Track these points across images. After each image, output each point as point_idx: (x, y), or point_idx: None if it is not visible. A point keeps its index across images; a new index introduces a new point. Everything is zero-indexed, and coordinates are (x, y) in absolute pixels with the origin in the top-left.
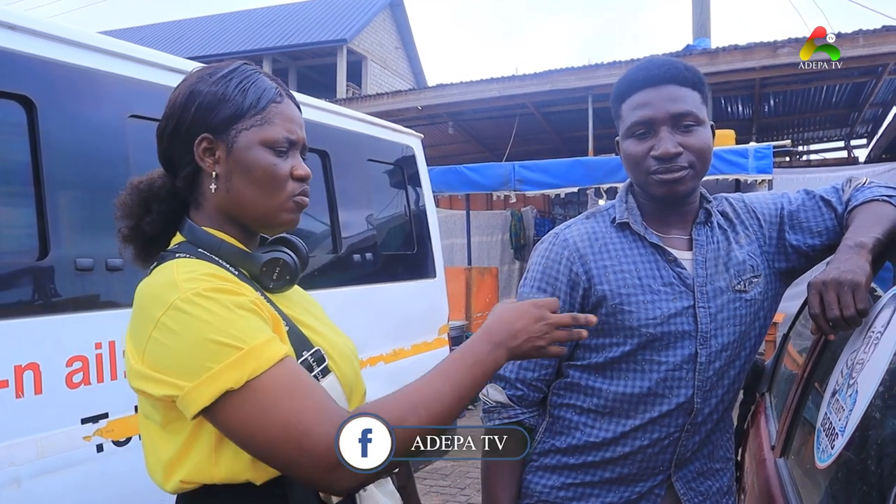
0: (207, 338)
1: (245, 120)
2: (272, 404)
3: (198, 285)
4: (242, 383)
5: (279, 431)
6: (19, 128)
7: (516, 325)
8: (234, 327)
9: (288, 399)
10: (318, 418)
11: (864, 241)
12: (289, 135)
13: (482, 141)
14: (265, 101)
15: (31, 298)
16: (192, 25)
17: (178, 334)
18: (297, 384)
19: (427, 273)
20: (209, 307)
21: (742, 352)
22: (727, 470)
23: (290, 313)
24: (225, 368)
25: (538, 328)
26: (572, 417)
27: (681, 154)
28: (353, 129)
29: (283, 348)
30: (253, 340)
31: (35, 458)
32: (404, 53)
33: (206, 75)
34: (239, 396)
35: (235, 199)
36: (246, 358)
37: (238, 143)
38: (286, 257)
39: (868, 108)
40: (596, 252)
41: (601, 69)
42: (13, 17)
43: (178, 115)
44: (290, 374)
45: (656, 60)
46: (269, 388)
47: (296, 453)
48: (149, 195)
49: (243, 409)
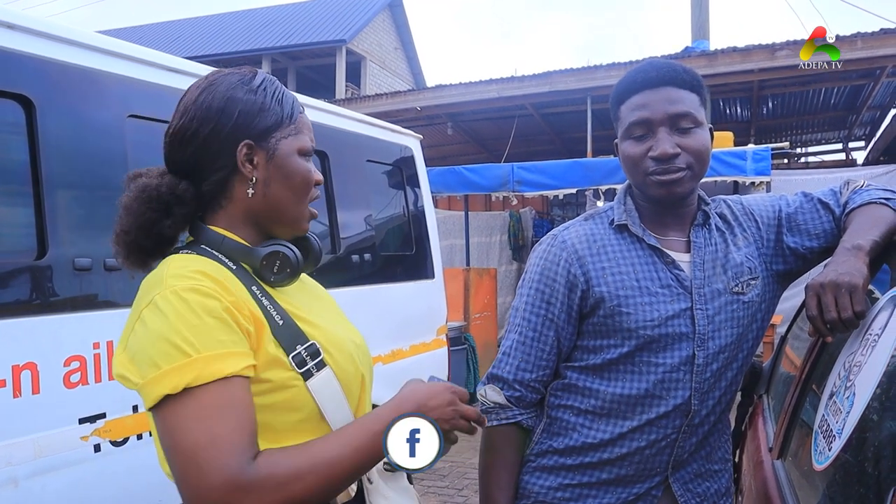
0: (166, 337)
1: (283, 129)
2: (197, 420)
3: (178, 283)
4: (179, 390)
5: (192, 450)
6: (18, 127)
7: (429, 402)
8: (192, 332)
9: (211, 420)
10: (230, 451)
11: (861, 243)
12: (313, 143)
13: (481, 142)
14: (297, 111)
15: (30, 298)
16: (191, 25)
17: (149, 329)
18: (227, 409)
19: (425, 274)
20: (177, 307)
21: (739, 353)
22: (725, 471)
23: (288, 308)
24: (170, 371)
25: (447, 412)
26: (569, 419)
27: (678, 155)
28: (352, 130)
29: (234, 366)
30: (205, 350)
31: (32, 458)
32: (403, 54)
33: (238, 83)
34: (174, 402)
35: (273, 202)
36: (190, 366)
37: (279, 151)
38: (286, 251)
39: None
40: (594, 254)
41: (600, 71)
42: (12, 16)
43: (215, 121)
44: (225, 396)
45: (655, 63)
46: (201, 403)
47: (192, 475)
48: (171, 198)
49: (174, 415)
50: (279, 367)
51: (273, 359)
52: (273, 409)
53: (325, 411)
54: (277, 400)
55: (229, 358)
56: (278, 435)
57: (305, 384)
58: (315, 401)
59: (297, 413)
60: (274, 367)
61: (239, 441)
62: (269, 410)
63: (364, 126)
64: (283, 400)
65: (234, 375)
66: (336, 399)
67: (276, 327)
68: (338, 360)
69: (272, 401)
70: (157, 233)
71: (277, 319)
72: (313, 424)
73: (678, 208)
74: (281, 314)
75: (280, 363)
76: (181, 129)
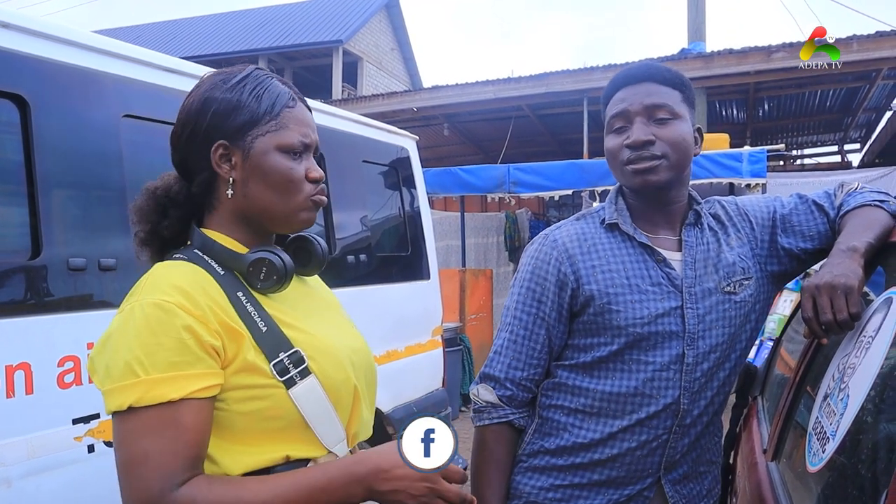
0: (122, 353)
1: (260, 126)
2: (131, 438)
3: (147, 297)
4: (125, 408)
5: (126, 464)
6: (13, 126)
7: (396, 471)
8: (145, 352)
9: (144, 440)
10: (155, 474)
11: (856, 245)
12: (303, 139)
13: (477, 143)
14: (279, 106)
15: (23, 298)
16: (188, 25)
17: (112, 340)
18: (161, 433)
19: (421, 275)
20: (138, 324)
21: (732, 354)
22: (710, 473)
23: (275, 314)
24: (119, 388)
25: (417, 487)
26: (560, 418)
27: (653, 143)
28: (349, 131)
29: (182, 390)
30: (154, 372)
31: (26, 458)
32: (400, 55)
33: (219, 82)
34: (119, 417)
35: (253, 202)
36: (135, 387)
37: (255, 149)
38: (272, 258)
39: (861, 112)
40: (584, 252)
41: (596, 72)
42: (7, 15)
43: (193, 122)
44: (164, 420)
45: (639, 62)
46: (138, 424)
47: (125, 488)
48: (166, 200)
49: (118, 429)
50: (258, 375)
51: (252, 366)
52: (253, 417)
53: (309, 420)
54: (257, 407)
55: (177, 381)
56: (260, 442)
57: (287, 392)
58: (298, 409)
59: (279, 421)
60: (253, 374)
61: (170, 463)
62: (249, 417)
63: (360, 127)
64: (263, 407)
65: (182, 399)
66: (321, 407)
67: (259, 334)
68: (324, 368)
69: (252, 407)
70: (159, 234)
71: (261, 326)
72: (297, 433)
73: (666, 205)
74: (265, 321)
75: (259, 371)
76: (171, 133)
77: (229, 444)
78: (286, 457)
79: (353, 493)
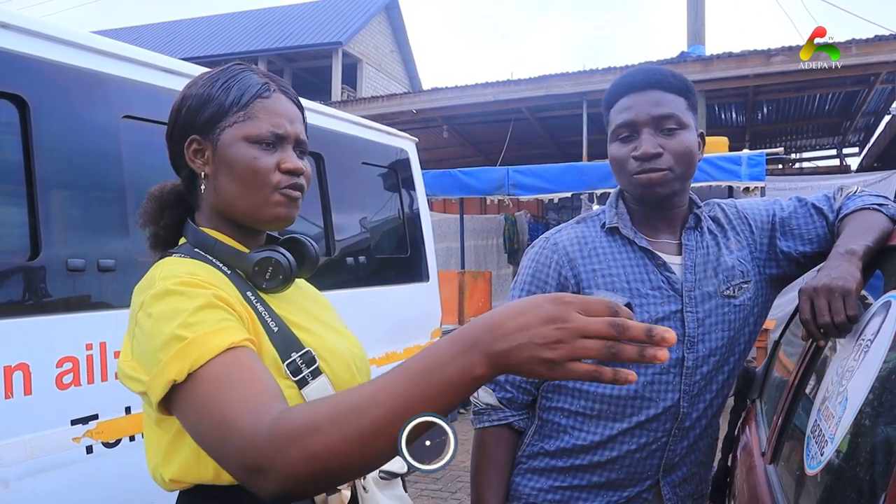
0: (162, 330)
1: (228, 118)
2: (208, 397)
3: (167, 282)
4: (185, 375)
5: (212, 427)
6: (12, 127)
7: (511, 322)
8: (184, 317)
9: (221, 392)
10: (244, 414)
11: (855, 248)
12: (274, 129)
13: (477, 145)
14: (248, 97)
15: (22, 298)
16: (187, 26)
17: (144, 329)
18: (236, 375)
19: (420, 276)
20: (170, 301)
21: (731, 357)
22: (699, 474)
23: (282, 314)
24: (170, 360)
25: (545, 332)
26: (560, 420)
27: (661, 155)
28: (348, 132)
29: (232, 337)
30: (201, 330)
31: (24, 459)
32: (399, 57)
33: (198, 78)
34: (183, 389)
35: (223, 196)
36: (188, 348)
37: (221, 141)
38: (279, 257)
39: (860, 116)
40: (585, 256)
41: (596, 75)
42: (7, 15)
43: (172, 120)
44: (230, 365)
45: (643, 67)
46: (208, 379)
47: (222, 450)
48: (161, 201)
49: (186, 401)
50: (273, 374)
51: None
52: None
53: None
54: None
55: (227, 331)
56: None
57: (300, 392)
58: None
59: None
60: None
61: (264, 396)
62: None
63: (360, 128)
64: None
65: (236, 347)
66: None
67: (271, 334)
68: (334, 368)
69: None
70: (158, 235)
71: (272, 326)
72: None
73: (668, 210)
74: (276, 321)
75: (274, 370)
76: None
77: None
78: None
79: (471, 364)
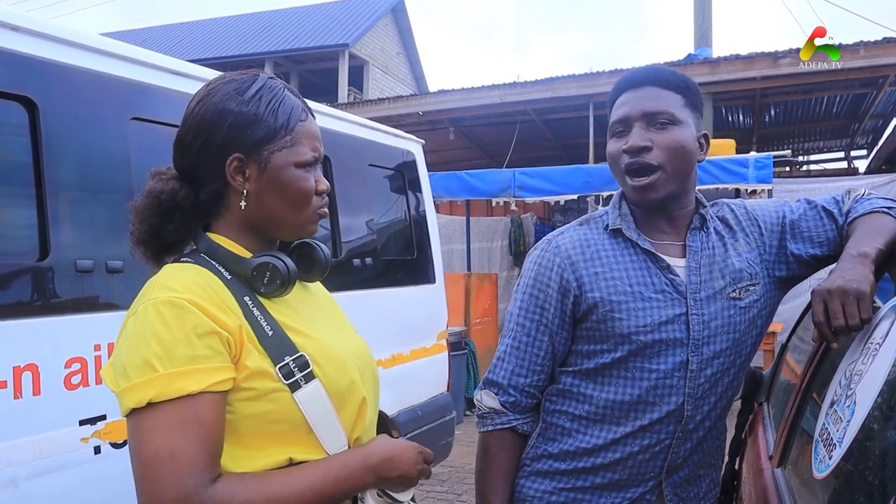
0: (138, 350)
1: (276, 141)
2: (155, 434)
3: (159, 295)
4: (143, 404)
5: (145, 465)
6: (21, 129)
7: (396, 458)
8: (162, 346)
9: (169, 435)
10: (178, 469)
11: (867, 251)
12: (314, 153)
13: (483, 147)
14: (294, 121)
15: (31, 299)
16: (195, 28)
17: (126, 340)
18: (183, 430)
19: (427, 278)
20: (153, 320)
21: (737, 359)
22: (708, 476)
23: (280, 318)
24: (137, 385)
25: (411, 469)
26: (564, 424)
27: (650, 149)
28: (355, 134)
29: (200, 383)
30: (171, 367)
31: (32, 460)
32: (406, 59)
33: (233, 92)
34: (139, 414)
35: (267, 214)
36: (154, 382)
37: (272, 164)
38: (276, 262)
39: (868, 119)
40: (587, 259)
41: (602, 77)
42: (16, 18)
43: (207, 133)
44: (184, 416)
45: (643, 66)
46: (162, 418)
47: (147, 489)
48: (172, 205)
49: (137, 428)
50: (264, 378)
51: (258, 369)
52: (258, 419)
53: (313, 423)
54: (262, 410)
55: (196, 374)
56: (264, 445)
57: (293, 395)
58: (302, 413)
59: (283, 424)
60: (259, 377)
61: (199, 460)
62: (254, 420)
63: (366, 130)
64: (268, 410)
65: (201, 392)
66: (324, 411)
67: (265, 337)
68: (328, 373)
69: (257, 410)
70: (161, 237)
71: (267, 330)
72: (300, 436)
73: (671, 211)
74: (271, 325)
75: (266, 374)
76: (178, 139)
77: (233, 447)
78: (289, 459)
79: (367, 483)
